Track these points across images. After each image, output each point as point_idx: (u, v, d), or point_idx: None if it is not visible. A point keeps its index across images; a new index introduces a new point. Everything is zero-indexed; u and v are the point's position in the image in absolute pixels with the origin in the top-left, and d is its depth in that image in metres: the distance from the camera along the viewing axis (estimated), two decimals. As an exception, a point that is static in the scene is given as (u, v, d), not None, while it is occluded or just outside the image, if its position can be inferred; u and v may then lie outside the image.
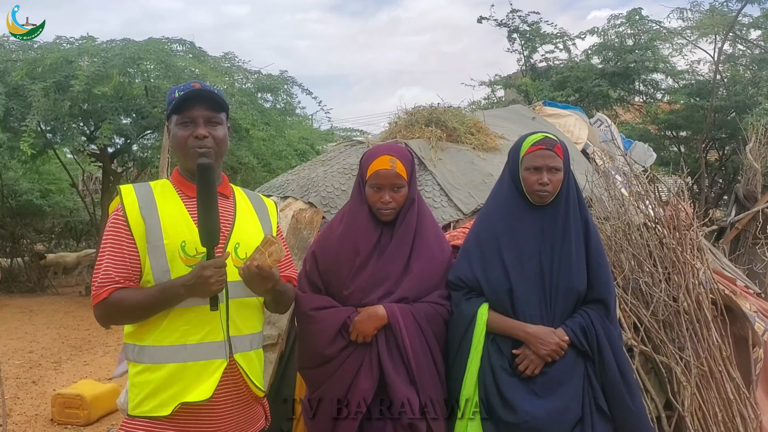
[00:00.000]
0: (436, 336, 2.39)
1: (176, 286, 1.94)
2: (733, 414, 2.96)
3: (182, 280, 1.94)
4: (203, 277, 1.90)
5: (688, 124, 11.32)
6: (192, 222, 2.01)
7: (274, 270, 2.00)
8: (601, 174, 3.55)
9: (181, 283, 1.93)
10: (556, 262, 2.37)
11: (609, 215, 3.32)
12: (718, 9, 10.66)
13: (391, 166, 2.39)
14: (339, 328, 2.35)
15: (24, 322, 9.00)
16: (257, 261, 1.95)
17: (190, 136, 2.05)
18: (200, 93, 2.07)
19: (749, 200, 5.98)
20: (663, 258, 3.14)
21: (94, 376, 6.23)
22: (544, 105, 5.25)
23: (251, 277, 1.98)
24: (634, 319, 3.01)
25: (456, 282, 2.44)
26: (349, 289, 2.40)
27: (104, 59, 9.38)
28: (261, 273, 1.96)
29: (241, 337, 2.07)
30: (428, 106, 4.15)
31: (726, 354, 3.05)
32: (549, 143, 2.40)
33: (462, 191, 3.47)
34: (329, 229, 2.58)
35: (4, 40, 10.24)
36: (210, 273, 1.90)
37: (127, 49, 9.63)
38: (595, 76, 10.79)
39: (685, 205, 3.30)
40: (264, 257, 1.96)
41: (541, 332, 2.31)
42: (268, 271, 1.97)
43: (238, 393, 2.07)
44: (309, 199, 3.53)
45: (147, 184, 2.12)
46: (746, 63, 11.48)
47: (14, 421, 5.06)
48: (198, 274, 1.91)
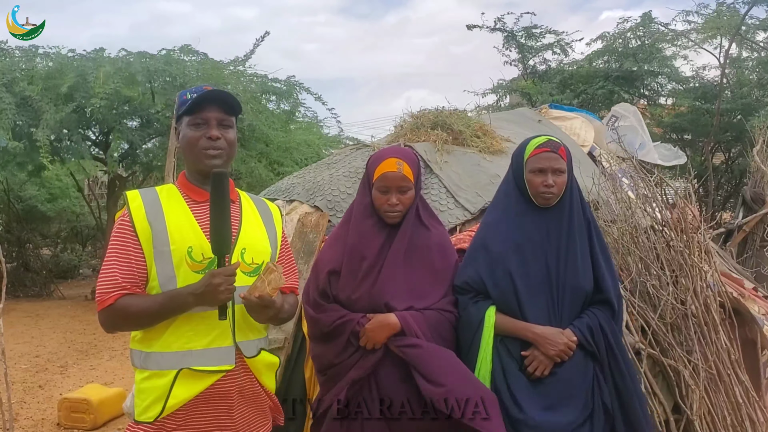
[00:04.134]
0: (447, 343, 2.39)
1: (184, 294, 1.93)
2: (742, 417, 2.95)
3: (191, 288, 1.93)
4: (212, 285, 1.89)
5: (693, 127, 11.28)
6: (198, 227, 2.01)
7: (275, 298, 1.99)
8: (607, 177, 3.55)
9: (189, 291, 1.93)
10: (563, 263, 2.38)
11: (616, 218, 3.32)
12: (725, 11, 10.62)
13: (398, 169, 2.40)
14: (348, 337, 2.35)
15: (30, 327, 9.00)
16: (258, 291, 1.95)
17: (202, 137, 2.04)
18: (215, 94, 2.06)
19: (756, 203, 5.94)
20: (670, 261, 3.13)
21: (100, 380, 6.23)
22: (550, 108, 5.24)
23: (252, 307, 1.98)
24: (641, 323, 3.00)
25: (462, 286, 2.44)
26: (356, 294, 2.39)
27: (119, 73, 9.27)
28: (262, 302, 1.96)
29: (248, 342, 2.07)
30: (434, 109, 4.15)
31: (734, 357, 3.04)
32: (553, 146, 2.42)
33: (469, 191, 3.46)
34: (335, 235, 2.58)
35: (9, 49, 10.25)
36: (219, 281, 1.89)
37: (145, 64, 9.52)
38: (599, 79, 10.76)
39: (692, 208, 3.29)
40: (264, 286, 1.95)
41: (549, 333, 2.32)
42: (269, 299, 1.96)
43: (244, 397, 2.07)
44: (315, 203, 3.53)
45: (153, 190, 2.11)
46: (752, 65, 11.44)
47: (21, 425, 5.07)
48: (207, 282, 1.90)
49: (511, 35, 11.71)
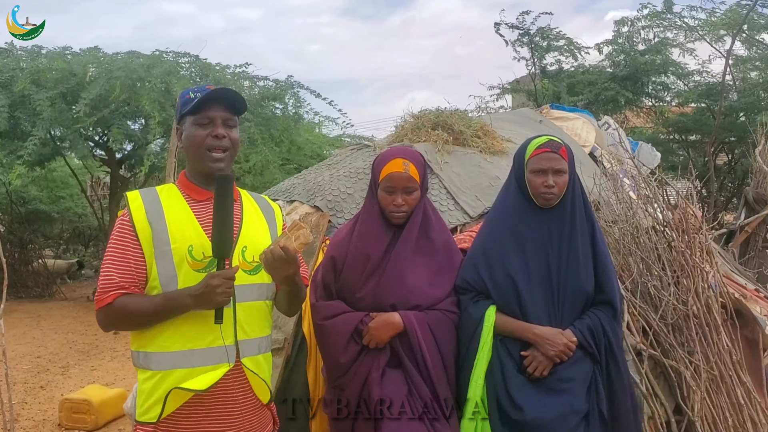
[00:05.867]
0: (449, 343, 2.39)
1: (183, 295, 1.93)
2: (744, 419, 2.94)
3: (189, 290, 1.92)
4: (210, 286, 1.88)
5: (697, 127, 11.25)
6: (199, 226, 2.01)
7: (298, 255, 1.96)
8: (609, 177, 3.54)
9: (188, 293, 1.92)
10: (564, 264, 2.37)
11: (617, 218, 3.31)
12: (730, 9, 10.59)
13: (404, 169, 2.41)
14: (351, 334, 2.36)
15: (32, 327, 9.01)
16: (283, 242, 1.91)
17: (208, 136, 2.03)
18: (220, 93, 2.05)
19: (759, 203, 5.92)
20: (672, 261, 3.12)
21: (101, 381, 6.24)
22: (552, 108, 5.23)
23: (275, 258, 1.92)
24: (642, 323, 2.99)
25: (463, 285, 2.44)
26: (361, 293, 2.40)
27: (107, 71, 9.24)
28: (286, 255, 1.91)
29: (249, 341, 2.06)
30: (435, 109, 4.14)
31: (736, 358, 3.03)
32: (554, 146, 2.41)
33: (469, 194, 3.45)
34: (342, 232, 2.59)
35: (11, 48, 10.26)
36: (217, 283, 1.88)
37: (132, 62, 9.49)
38: (605, 80, 10.74)
39: (693, 208, 3.28)
40: (290, 240, 1.91)
41: (549, 333, 2.31)
42: (293, 254, 1.92)
43: (245, 397, 2.06)
44: (315, 203, 3.52)
45: (153, 189, 2.11)
46: (756, 64, 11.41)
47: (22, 426, 5.07)
48: (205, 284, 1.89)
49: (527, 34, 11.67)
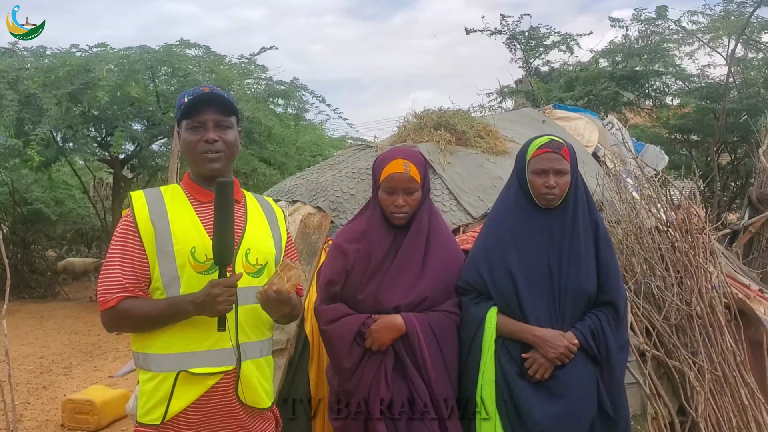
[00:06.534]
0: (451, 345, 2.39)
1: (185, 302, 1.93)
2: (748, 420, 2.93)
3: (191, 297, 1.92)
4: (212, 295, 1.88)
5: (698, 127, 11.23)
6: (202, 228, 2.00)
7: (291, 295, 1.98)
8: (612, 177, 3.53)
9: (190, 299, 1.92)
10: (565, 265, 2.35)
11: (620, 218, 3.30)
12: (732, 11, 10.57)
13: (405, 170, 2.39)
14: (354, 337, 2.35)
15: (35, 328, 9.03)
16: (276, 285, 1.93)
17: (200, 141, 2.03)
18: (209, 97, 2.05)
19: (763, 203, 5.91)
20: (675, 262, 3.11)
21: (104, 381, 6.24)
22: (555, 108, 5.21)
23: (268, 301, 1.96)
24: (646, 324, 2.98)
25: (464, 286, 2.43)
26: (363, 294, 2.39)
27: (120, 66, 9.34)
28: (279, 298, 1.94)
29: (251, 344, 2.05)
30: (437, 109, 4.13)
31: (740, 359, 3.02)
32: (555, 146, 2.39)
33: (471, 195, 3.45)
34: (344, 233, 2.58)
35: (15, 49, 10.28)
36: (218, 291, 1.88)
37: (145, 56, 9.61)
38: (604, 79, 10.72)
39: (697, 209, 3.27)
40: (282, 282, 1.93)
41: (550, 335, 2.29)
42: (286, 295, 1.95)
43: (246, 401, 2.05)
44: (317, 204, 3.51)
45: (157, 190, 2.10)
46: (758, 65, 11.40)
47: (25, 426, 5.08)
48: (206, 292, 1.89)
49: (513, 38, 11.67)
